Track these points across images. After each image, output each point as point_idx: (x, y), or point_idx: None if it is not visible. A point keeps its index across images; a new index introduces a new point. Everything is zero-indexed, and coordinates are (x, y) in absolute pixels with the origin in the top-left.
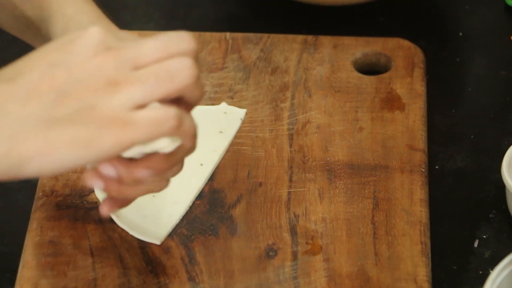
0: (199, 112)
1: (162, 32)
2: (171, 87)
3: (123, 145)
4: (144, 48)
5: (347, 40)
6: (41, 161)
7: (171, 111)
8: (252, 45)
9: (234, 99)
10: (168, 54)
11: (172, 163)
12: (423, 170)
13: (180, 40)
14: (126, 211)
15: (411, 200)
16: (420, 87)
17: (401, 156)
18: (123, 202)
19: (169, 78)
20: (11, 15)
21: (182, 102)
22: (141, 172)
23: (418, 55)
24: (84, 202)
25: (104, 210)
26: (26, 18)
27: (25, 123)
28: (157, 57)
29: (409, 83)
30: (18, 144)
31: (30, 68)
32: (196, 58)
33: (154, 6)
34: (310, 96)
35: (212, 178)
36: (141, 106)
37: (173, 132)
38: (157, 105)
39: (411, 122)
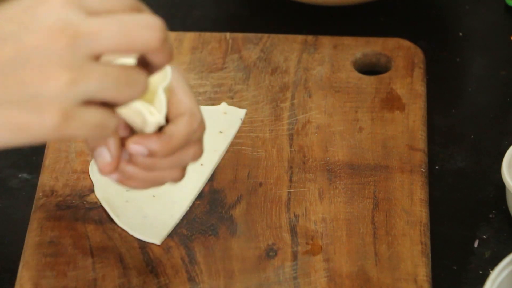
0: None
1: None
2: (127, 95)
3: (60, 138)
4: (105, 32)
5: (347, 40)
6: None
7: (112, 120)
8: (252, 45)
9: (234, 99)
10: (128, 45)
11: (170, 146)
12: (423, 170)
13: (145, 29)
14: (126, 211)
15: (411, 200)
16: (420, 87)
17: (401, 156)
18: (139, 186)
19: (128, 85)
20: None
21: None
22: (133, 147)
23: (418, 55)
24: (84, 202)
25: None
26: None
27: None
28: (117, 46)
29: (409, 83)
30: None
31: None
32: (162, 49)
33: (154, 6)
34: (310, 96)
35: (212, 178)
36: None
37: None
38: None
39: (411, 122)
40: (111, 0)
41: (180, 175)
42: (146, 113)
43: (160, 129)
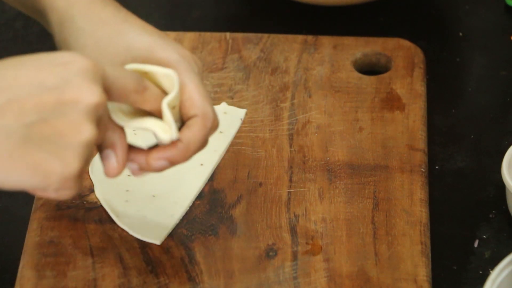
0: None
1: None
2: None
3: (64, 189)
4: (128, 92)
5: (347, 40)
6: None
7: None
8: (252, 45)
9: (234, 99)
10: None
11: (189, 152)
12: (423, 170)
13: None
14: (126, 211)
15: (411, 200)
16: (420, 87)
17: (401, 156)
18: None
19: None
20: (19, 2)
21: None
22: (158, 164)
23: (418, 55)
24: (84, 202)
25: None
26: (31, 7)
27: None
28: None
29: (409, 83)
30: None
31: (19, 79)
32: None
33: (154, 6)
34: (310, 96)
35: (212, 178)
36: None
37: None
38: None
39: (411, 122)
40: (124, 79)
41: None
42: (159, 132)
43: None
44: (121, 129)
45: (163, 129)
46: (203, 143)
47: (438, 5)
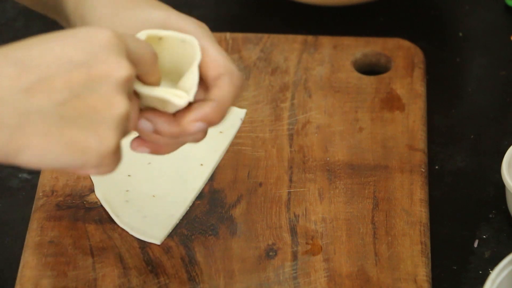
0: None
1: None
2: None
3: (103, 166)
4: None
5: (347, 40)
6: (34, 154)
7: None
8: (252, 45)
9: None
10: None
11: (222, 111)
12: (423, 170)
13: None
14: (126, 211)
15: (411, 200)
16: (420, 87)
17: (401, 156)
18: (158, 151)
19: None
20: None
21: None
22: (195, 126)
23: (418, 55)
24: (84, 202)
25: (133, 145)
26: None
27: (31, 117)
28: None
29: (409, 83)
30: (19, 135)
31: (46, 57)
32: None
33: None
34: (310, 96)
35: (212, 178)
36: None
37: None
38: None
39: (411, 122)
40: (142, 49)
41: (203, 135)
42: (174, 99)
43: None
44: None
45: (176, 95)
46: (233, 101)
47: (438, 5)
